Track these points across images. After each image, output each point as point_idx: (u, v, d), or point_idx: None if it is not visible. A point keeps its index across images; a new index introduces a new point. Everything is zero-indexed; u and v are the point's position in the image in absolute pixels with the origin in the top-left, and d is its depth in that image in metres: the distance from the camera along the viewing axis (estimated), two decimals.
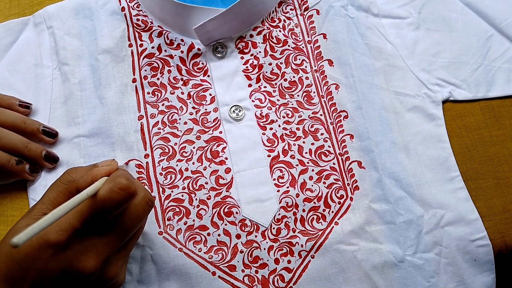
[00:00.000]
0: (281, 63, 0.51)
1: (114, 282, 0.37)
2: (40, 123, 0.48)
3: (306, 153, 0.48)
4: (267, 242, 0.45)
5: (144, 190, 0.38)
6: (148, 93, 0.50)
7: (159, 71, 0.51)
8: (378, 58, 0.52)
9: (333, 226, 0.46)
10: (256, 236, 0.45)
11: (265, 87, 0.51)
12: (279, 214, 0.46)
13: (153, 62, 0.51)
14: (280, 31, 0.52)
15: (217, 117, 0.49)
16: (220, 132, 0.49)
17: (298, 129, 0.49)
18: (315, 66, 0.52)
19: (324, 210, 0.46)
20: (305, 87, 0.51)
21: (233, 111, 0.49)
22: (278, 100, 0.50)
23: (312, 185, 0.47)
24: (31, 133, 0.47)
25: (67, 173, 0.38)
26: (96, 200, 0.34)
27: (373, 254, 0.45)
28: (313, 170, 0.48)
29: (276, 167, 0.48)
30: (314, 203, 0.46)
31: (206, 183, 0.47)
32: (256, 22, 0.52)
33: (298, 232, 0.45)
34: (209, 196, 0.46)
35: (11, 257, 0.34)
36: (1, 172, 0.45)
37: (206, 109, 0.49)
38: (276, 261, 0.45)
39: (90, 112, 0.49)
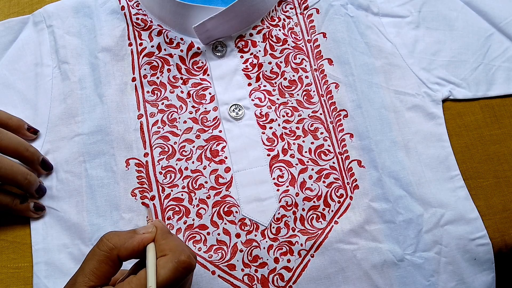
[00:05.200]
0: (281, 62, 0.51)
1: None
2: (40, 153, 0.47)
3: (305, 152, 0.48)
4: (266, 241, 0.45)
5: (189, 249, 0.37)
6: (148, 92, 0.50)
7: (158, 70, 0.51)
8: (378, 57, 0.52)
9: (332, 225, 0.46)
10: (255, 235, 0.45)
11: (264, 86, 0.50)
12: (278, 213, 0.46)
13: (152, 61, 0.51)
14: (280, 30, 0.52)
15: (216, 116, 0.49)
16: (220, 131, 0.49)
17: (297, 128, 0.49)
18: (314, 65, 0.52)
19: (323, 209, 0.46)
20: (305, 86, 0.51)
21: (233, 110, 0.49)
22: (277, 99, 0.50)
23: (311, 184, 0.47)
24: (30, 162, 0.47)
25: (106, 240, 0.35)
26: (161, 281, 0.33)
27: (373, 253, 0.45)
28: (312, 169, 0.48)
29: (275, 166, 0.48)
30: (314, 202, 0.46)
31: (206, 182, 0.47)
32: (255, 21, 0.52)
33: (297, 231, 0.45)
34: (209, 195, 0.46)
35: None
36: (6, 211, 0.46)
37: (205, 108, 0.49)
38: (276, 260, 0.45)
39: (90, 110, 0.49)
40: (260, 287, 0.44)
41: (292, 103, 0.50)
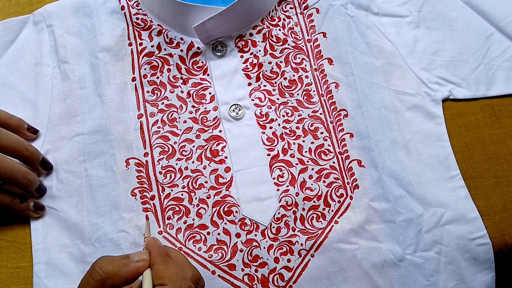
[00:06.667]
0: (281, 62, 0.51)
1: None
2: (40, 153, 0.47)
3: (306, 152, 0.48)
4: (266, 241, 0.45)
5: (191, 270, 0.36)
6: (148, 91, 0.50)
7: (158, 69, 0.51)
8: (378, 56, 0.52)
9: (333, 225, 0.46)
10: (256, 235, 0.45)
11: (264, 86, 0.50)
12: (278, 213, 0.46)
13: (152, 61, 0.51)
14: (280, 30, 0.52)
15: (216, 116, 0.49)
16: (220, 131, 0.49)
17: (298, 128, 0.49)
18: (315, 65, 0.52)
19: (324, 209, 0.46)
20: (305, 86, 0.51)
21: (233, 110, 0.49)
22: (277, 99, 0.50)
23: (312, 184, 0.47)
24: (30, 162, 0.47)
25: (99, 268, 0.33)
26: None
27: (373, 253, 0.45)
28: (313, 169, 0.48)
29: (275, 166, 0.48)
30: (314, 202, 0.46)
31: (206, 182, 0.47)
32: (255, 20, 0.52)
33: (298, 231, 0.45)
34: (209, 195, 0.46)
35: None
36: (6, 211, 0.46)
37: (205, 108, 0.49)
38: (276, 260, 0.45)
39: (90, 110, 0.49)
40: (260, 287, 0.44)
41: (292, 103, 0.50)
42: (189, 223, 0.46)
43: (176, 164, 0.48)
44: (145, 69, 0.51)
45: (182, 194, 0.47)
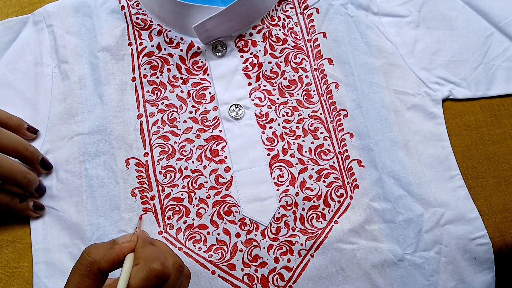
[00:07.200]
0: (281, 62, 0.51)
1: None
2: (40, 153, 0.47)
3: (305, 152, 0.48)
4: (266, 241, 0.45)
5: (172, 257, 0.36)
6: (148, 91, 0.50)
7: (158, 69, 0.51)
8: (378, 56, 0.52)
9: (332, 225, 0.46)
10: (255, 235, 0.45)
11: (264, 85, 0.50)
12: (278, 213, 0.46)
13: (152, 61, 0.51)
14: (279, 29, 0.52)
15: (216, 116, 0.49)
16: (220, 131, 0.49)
17: (297, 128, 0.49)
18: (314, 65, 0.52)
19: (323, 209, 0.46)
20: (305, 86, 0.51)
21: (233, 109, 0.49)
22: (277, 98, 0.50)
23: (311, 184, 0.47)
24: (30, 161, 0.47)
25: (86, 254, 0.35)
26: None
27: (373, 253, 0.45)
28: (312, 169, 0.48)
29: (275, 166, 0.48)
30: (314, 202, 0.46)
31: (206, 182, 0.47)
32: (255, 20, 0.52)
33: (297, 231, 0.45)
34: (209, 195, 0.46)
35: None
36: (6, 211, 0.46)
37: (205, 108, 0.49)
38: (276, 260, 0.45)
39: (90, 109, 0.49)
40: (260, 287, 0.44)
41: (292, 103, 0.50)
42: (189, 223, 0.46)
43: (176, 164, 0.48)
44: (145, 69, 0.51)
45: (182, 194, 0.47)
